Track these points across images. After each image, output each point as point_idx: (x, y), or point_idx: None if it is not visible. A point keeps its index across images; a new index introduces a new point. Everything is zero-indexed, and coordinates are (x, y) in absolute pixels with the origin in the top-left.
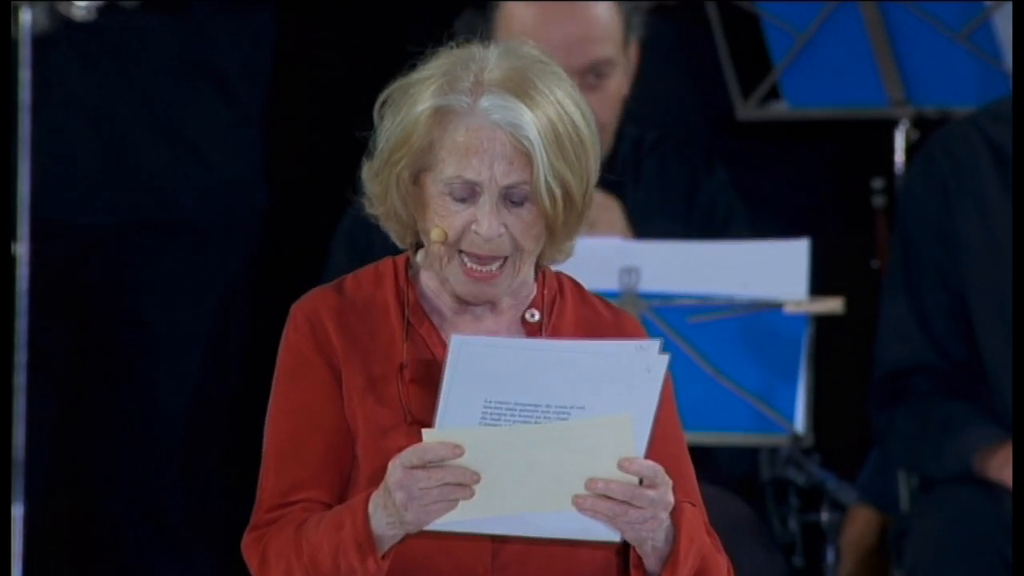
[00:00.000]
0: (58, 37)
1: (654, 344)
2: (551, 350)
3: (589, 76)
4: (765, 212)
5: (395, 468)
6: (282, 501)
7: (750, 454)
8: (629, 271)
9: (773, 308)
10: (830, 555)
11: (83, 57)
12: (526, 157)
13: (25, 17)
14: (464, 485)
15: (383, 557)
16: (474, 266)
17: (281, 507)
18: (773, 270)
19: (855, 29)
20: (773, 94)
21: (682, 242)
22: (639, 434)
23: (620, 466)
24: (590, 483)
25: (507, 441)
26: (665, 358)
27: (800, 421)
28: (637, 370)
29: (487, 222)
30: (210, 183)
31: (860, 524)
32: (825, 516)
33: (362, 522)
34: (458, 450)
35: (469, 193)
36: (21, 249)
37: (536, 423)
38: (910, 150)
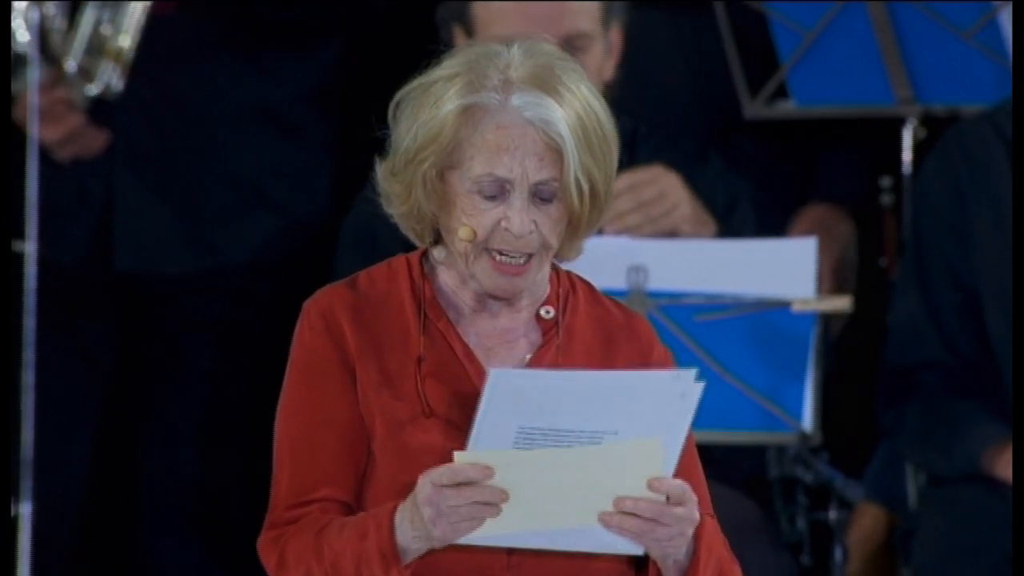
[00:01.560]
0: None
1: (690, 373)
2: (587, 379)
3: (565, 50)
4: (772, 210)
5: (424, 485)
6: (299, 500)
7: (758, 453)
8: (637, 269)
9: (781, 307)
10: (838, 553)
11: (145, 104)
12: (556, 154)
13: (33, 16)
14: (492, 504)
15: (406, 568)
16: (503, 259)
17: (298, 506)
18: (781, 269)
19: (862, 27)
20: (781, 92)
21: (690, 240)
22: (668, 456)
23: (649, 486)
24: (618, 502)
25: (538, 463)
26: (700, 386)
27: (808, 419)
28: (672, 396)
29: (518, 219)
30: (278, 224)
31: (867, 522)
32: (833, 514)
33: (387, 533)
34: (488, 471)
35: (499, 191)
36: (29, 248)
37: (568, 447)
38: (918, 148)
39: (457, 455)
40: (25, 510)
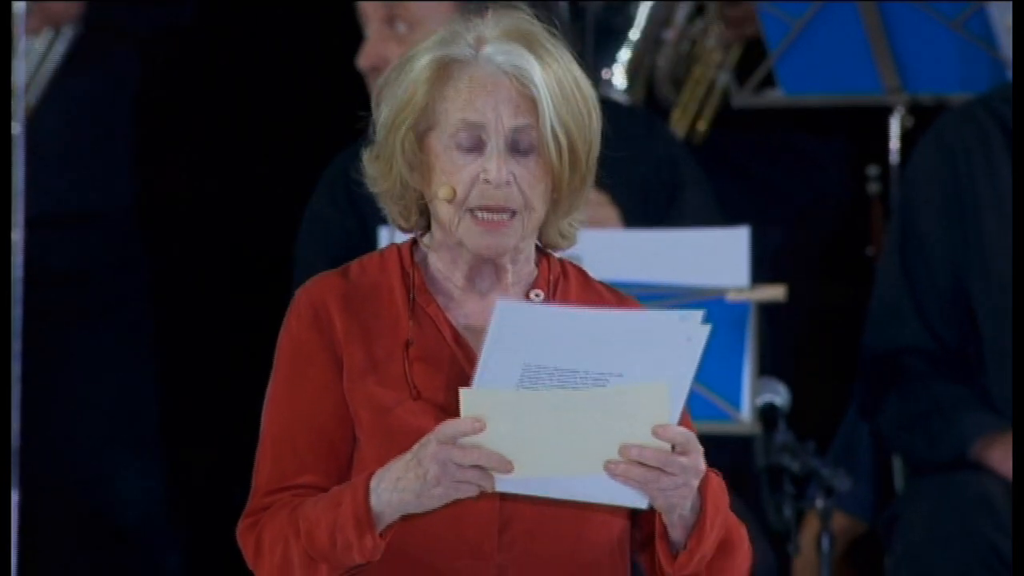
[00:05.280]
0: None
1: (697, 314)
2: (594, 317)
3: (393, 25)
4: (759, 199)
5: (429, 442)
6: (277, 487)
7: (742, 443)
8: (571, 259)
9: (715, 296)
10: (825, 541)
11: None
12: (531, 103)
13: (18, 9)
14: (489, 475)
15: (381, 535)
16: (486, 216)
17: (276, 492)
18: (714, 258)
19: (850, 17)
20: (768, 81)
21: (624, 231)
22: (674, 402)
23: (654, 433)
24: (623, 449)
25: (543, 405)
26: (707, 328)
27: (746, 408)
28: (678, 339)
29: (495, 166)
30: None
31: (815, 528)
32: (819, 503)
33: (362, 499)
34: (479, 424)
35: (476, 142)
36: (16, 237)
37: (573, 388)
38: (905, 137)
39: (462, 392)
40: (13, 498)
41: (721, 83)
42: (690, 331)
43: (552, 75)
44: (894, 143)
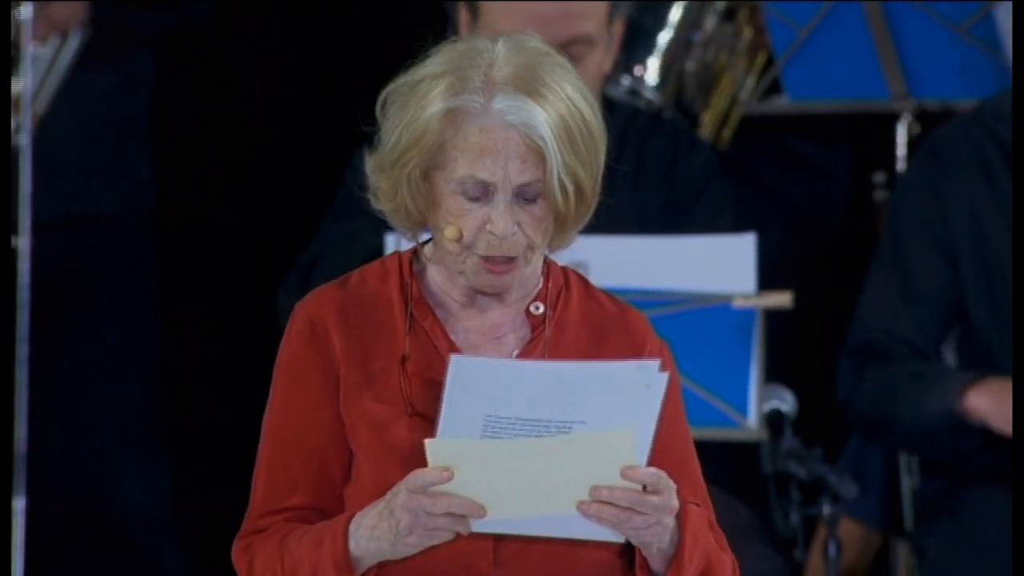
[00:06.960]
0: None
1: (654, 364)
2: (549, 369)
3: (566, 52)
4: (766, 206)
5: (400, 491)
6: (271, 508)
7: (749, 450)
8: (577, 266)
9: (722, 303)
10: (832, 548)
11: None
12: (539, 156)
13: (25, 13)
14: (465, 518)
15: None
16: (492, 256)
17: (269, 515)
18: (721, 265)
19: (857, 23)
20: (775, 88)
21: (630, 237)
22: (640, 446)
23: (623, 475)
24: (594, 491)
25: (509, 453)
26: (665, 376)
27: (752, 415)
28: (637, 387)
29: (502, 222)
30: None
31: (822, 535)
32: (826, 510)
33: (341, 543)
34: (447, 474)
35: (482, 192)
36: (22, 243)
37: (538, 437)
38: (912, 144)
39: (428, 442)
40: (19, 504)
41: (746, 89)
42: (649, 379)
43: (558, 120)
44: (901, 150)
